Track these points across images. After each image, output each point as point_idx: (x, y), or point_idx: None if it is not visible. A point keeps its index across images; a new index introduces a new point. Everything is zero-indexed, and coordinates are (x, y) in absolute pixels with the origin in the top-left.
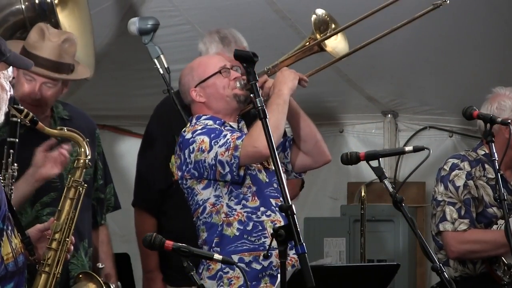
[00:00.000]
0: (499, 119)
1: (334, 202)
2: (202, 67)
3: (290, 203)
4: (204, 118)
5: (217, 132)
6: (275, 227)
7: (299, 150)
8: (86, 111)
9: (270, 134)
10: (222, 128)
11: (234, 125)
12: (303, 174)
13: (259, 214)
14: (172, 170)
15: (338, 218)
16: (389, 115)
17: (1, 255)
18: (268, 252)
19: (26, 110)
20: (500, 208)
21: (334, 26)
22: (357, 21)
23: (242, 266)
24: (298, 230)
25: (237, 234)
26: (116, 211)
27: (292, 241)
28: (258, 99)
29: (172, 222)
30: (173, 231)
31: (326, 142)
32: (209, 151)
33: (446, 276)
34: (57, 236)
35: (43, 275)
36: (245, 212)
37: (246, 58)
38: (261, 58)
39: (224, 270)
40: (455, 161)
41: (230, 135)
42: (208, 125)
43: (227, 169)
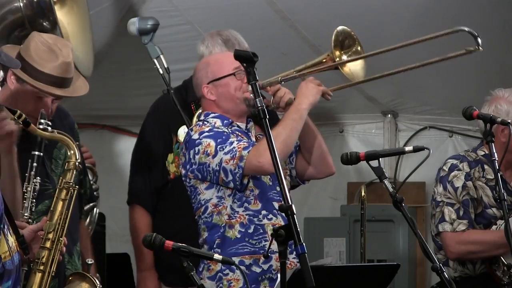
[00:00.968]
0: (499, 119)
1: (334, 202)
2: (217, 65)
3: (290, 203)
4: (212, 116)
5: (223, 137)
6: (275, 227)
7: (304, 159)
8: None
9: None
10: (229, 129)
11: (242, 125)
12: (306, 182)
13: (261, 217)
14: (168, 169)
15: (338, 218)
16: (389, 115)
17: None
18: (268, 252)
19: (19, 112)
20: (499, 208)
21: (357, 48)
22: (385, 50)
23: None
24: (298, 230)
25: (238, 236)
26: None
27: (292, 241)
28: (258, 99)
29: (167, 223)
30: (168, 231)
31: (326, 142)
32: (214, 156)
33: (446, 276)
34: (50, 236)
35: (38, 274)
36: (247, 214)
37: (246, 58)
38: (261, 58)
39: (224, 272)
40: (454, 161)
41: (237, 144)
42: (215, 126)
43: (230, 177)
